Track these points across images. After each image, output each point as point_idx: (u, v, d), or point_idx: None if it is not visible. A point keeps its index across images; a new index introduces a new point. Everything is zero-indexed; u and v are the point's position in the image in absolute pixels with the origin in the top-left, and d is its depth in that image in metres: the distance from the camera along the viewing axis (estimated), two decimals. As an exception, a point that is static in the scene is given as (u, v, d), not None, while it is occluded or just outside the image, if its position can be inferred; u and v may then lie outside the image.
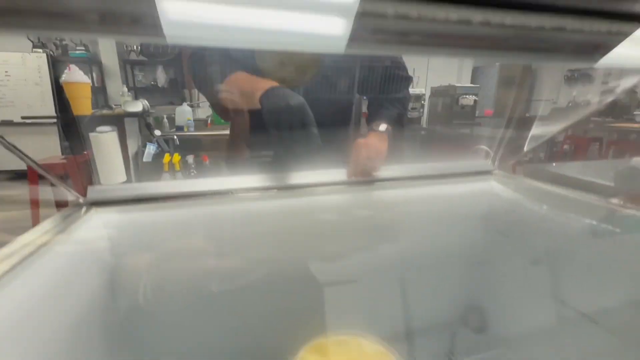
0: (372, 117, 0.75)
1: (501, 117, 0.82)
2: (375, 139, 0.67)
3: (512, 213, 0.77)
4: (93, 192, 0.58)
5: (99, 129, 1.45)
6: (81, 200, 0.57)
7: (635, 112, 3.46)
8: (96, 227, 0.54)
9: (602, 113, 3.65)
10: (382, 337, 0.60)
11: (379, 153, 0.66)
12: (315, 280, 0.69)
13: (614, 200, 0.60)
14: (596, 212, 0.62)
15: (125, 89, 1.97)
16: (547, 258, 0.69)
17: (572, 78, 4.45)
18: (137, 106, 1.46)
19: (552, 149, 3.70)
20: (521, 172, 0.81)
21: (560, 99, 4.42)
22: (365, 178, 0.68)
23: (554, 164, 0.84)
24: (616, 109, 3.53)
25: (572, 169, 0.85)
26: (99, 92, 3.96)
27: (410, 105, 4.02)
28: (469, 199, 0.81)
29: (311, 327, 0.61)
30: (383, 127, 0.69)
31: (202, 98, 2.96)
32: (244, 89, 0.58)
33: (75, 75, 1.35)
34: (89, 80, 1.41)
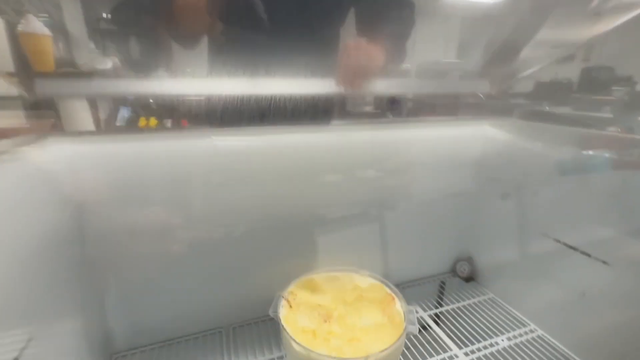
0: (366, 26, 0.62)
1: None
2: (368, 44, 0.56)
3: (505, 155, 0.75)
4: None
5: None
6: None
7: (612, 87, 3.56)
8: (51, 150, 0.48)
9: (582, 88, 3.73)
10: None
11: (372, 59, 0.55)
12: (301, 223, 0.64)
13: (611, 129, 0.58)
14: (591, 143, 0.60)
15: (93, 45, 1.79)
16: (539, 200, 0.68)
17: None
18: (106, 63, 1.33)
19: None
20: (512, 114, 0.79)
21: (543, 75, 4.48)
22: (353, 87, 0.57)
23: (547, 108, 0.83)
24: (595, 85, 3.61)
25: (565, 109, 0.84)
26: (67, 65, 3.68)
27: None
28: (462, 143, 0.78)
29: (298, 271, 0.57)
30: (378, 38, 0.58)
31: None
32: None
33: (32, 25, 1.21)
34: (49, 33, 1.27)
